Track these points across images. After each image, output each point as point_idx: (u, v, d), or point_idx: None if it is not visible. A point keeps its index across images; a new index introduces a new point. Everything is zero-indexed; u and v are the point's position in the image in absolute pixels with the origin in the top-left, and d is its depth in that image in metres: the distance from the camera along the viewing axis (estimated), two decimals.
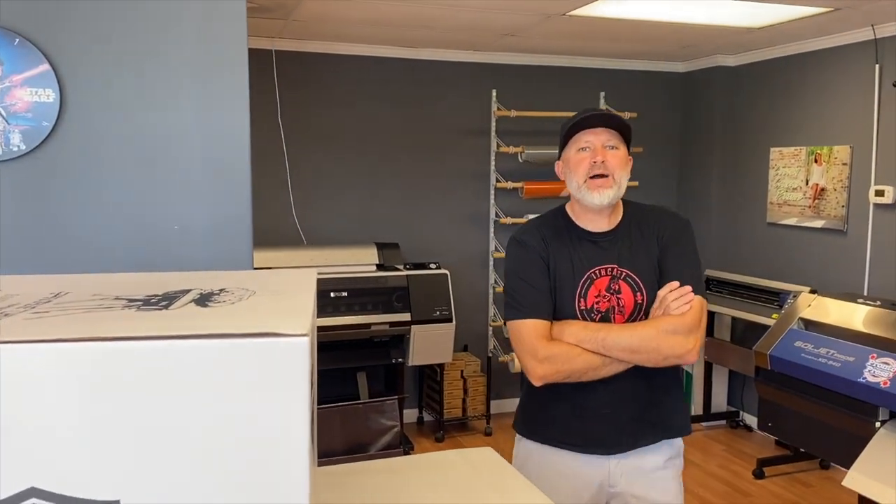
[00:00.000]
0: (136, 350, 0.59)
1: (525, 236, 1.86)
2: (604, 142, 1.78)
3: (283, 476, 0.62)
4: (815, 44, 4.41)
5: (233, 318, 0.68)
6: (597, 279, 1.79)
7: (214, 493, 0.60)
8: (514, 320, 1.81)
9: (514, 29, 4.16)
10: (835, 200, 4.30)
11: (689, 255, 1.82)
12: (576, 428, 1.83)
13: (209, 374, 0.60)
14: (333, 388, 4.43)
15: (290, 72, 4.60)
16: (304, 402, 0.62)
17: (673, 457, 1.89)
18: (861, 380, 2.66)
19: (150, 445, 0.60)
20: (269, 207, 4.59)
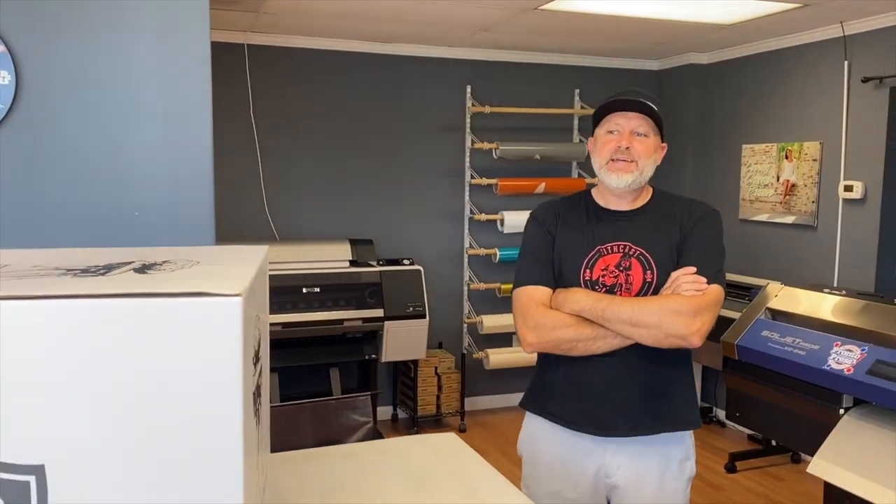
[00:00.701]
0: (58, 308, 0.58)
1: (539, 210, 1.90)
2: (634, 127, 1.78)
3: (216, 442, 0.60)
4: (785, 41, 4.45)
5: (168, 282, 0.66)
6: (606, 255, 1.78)
7: (144, 457, 0.59)
8: (514, 290, 1.83)
9: (488, 23, 4.16)
10: (805, 196, 4.34)
11: (711, 244, 1.79)
12: (572, 404, 1.80)
13: (138, 334, 0.59)
14: (306, 385, 4.40)
15: (263, 66, 4.57)
16: (238, 364, 0.61)
17: (684, 459, 1.83)
18: (826, 367, 2.68)
19: (76, 408, 0.58)
20: (241, 203, 4.56)
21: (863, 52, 4.00)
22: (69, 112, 1.69)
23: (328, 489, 1.18)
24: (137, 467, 0.59)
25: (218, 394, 0.60)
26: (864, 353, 2.60)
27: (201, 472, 0.60)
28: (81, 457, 0.59)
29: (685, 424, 1.82)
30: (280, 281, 3.98)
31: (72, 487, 0.58)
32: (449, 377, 4.82)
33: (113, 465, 0.59)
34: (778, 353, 2.89)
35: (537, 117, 5.10)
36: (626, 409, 1.77)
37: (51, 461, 0.58)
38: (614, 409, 1.77)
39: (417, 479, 1.23)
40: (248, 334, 0.64)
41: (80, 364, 0.58)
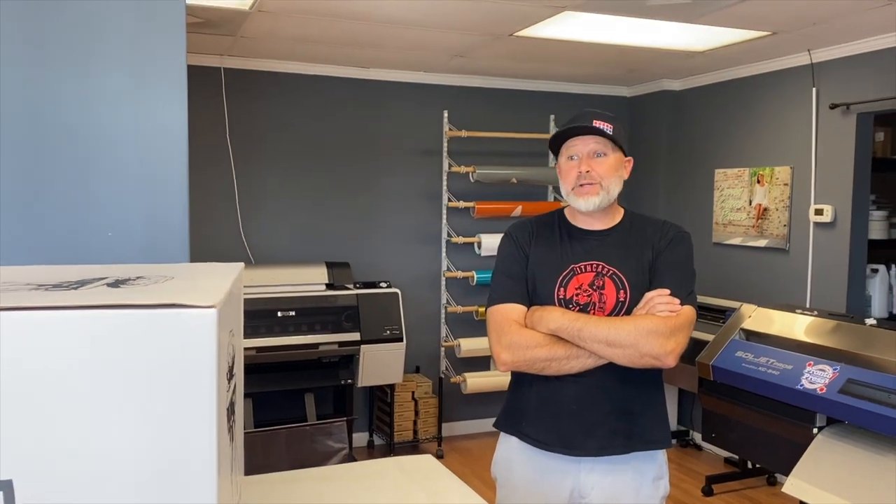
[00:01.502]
0: (29, 320, 0.57)
1: (513, 229, 1.92)
2: (591, 150, 1.81)
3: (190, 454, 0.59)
4: (755, 68, 4.54)
5: (142, 296, 0.65)
6: (579, 273, 1.80)
7: (115, 471, 0.58)
8: (488, 308, 1.84)
9: (463, 49, 4.20)
10: (777, 220, 4.41)
11: (682, 265, 1.82)
12: (544, 423, 1.81)
13: (111, 346, 0.58)
14: (280, 411, 4.35)
15: (239, 89, 4.57)
16: (212, 376, 0.60)
17: (657, 478, 1.84)
18: (799, 387, 2.70)
19: (45, 422, 0.57)
20: (217, 225, 4.53)
21: (830, 79, 4.09)
22: (41, 133, 1.67)
23: None
24: (109, 481, 0.58)
25: (191, 406, 0.60)
26: (837, 372, 2.63)
27: (174, 486, 0.59)
28: (50, 471, 0.58)
29: (657, 444, 1.83)
30: (255, 304, 3.95)
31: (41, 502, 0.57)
32: (426, 402, 4.79)
33: (83, 478, 0.58)
34: (752, 373, 2.92)
35: (513, 142, 5.14)
36: (599, 429, 1.78)
37: (18, 476, 0.57)
38: (587, 429, 1.78)
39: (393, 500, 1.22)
40: (222, 348, 0.64)
41: (50, 377, 0.57)
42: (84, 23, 1.69)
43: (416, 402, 4.76)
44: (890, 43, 3.72)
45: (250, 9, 3.38)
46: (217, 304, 0.61)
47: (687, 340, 1.73)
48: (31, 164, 1.66)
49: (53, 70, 1.68)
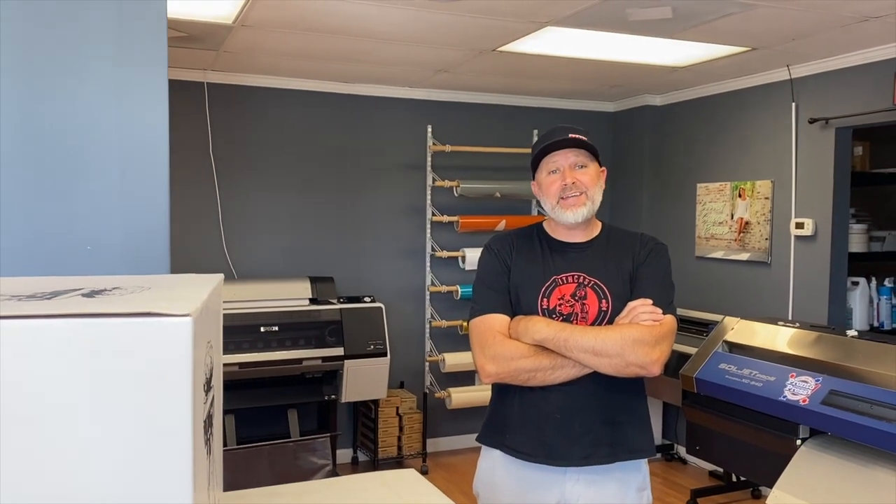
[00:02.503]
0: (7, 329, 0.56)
1: (493, 242, 1.95)
2: (572, 162, 1.83)
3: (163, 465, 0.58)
4: (735, 83, 4.59)
5: (116, 305, 0.64)
6: (561, 284, 1.82)
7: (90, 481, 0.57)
8: (471, 319, 1.86)
9: (447, 64, 4.22)
10: (759, 234, 4.44)
11: (663, 276, 1.85)
12: (528, 434, 1.81)
13: (84, 356, 0.57)
14: (263, 427, 4.31)
15: (223, 104, 4.56)
16: (187, 386, 0.59)
17: (641, 488, 1.85)
18: (782, 398, 2.71)
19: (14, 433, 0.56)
20: (199, 240, 4.50)
21: (809, 94, 4.14)
22: (19, 145, 1.66)
23: None
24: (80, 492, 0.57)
25: (166, 417, 0.59)
26: (819, 383, 2.64)
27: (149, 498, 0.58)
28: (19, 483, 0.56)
29: (641, 452, 1.84)
30: (237, 320, 3.92)
31: None
32: (410, 417, 4.77)
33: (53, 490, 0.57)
34: (735, 384, 2.92)
35: (497, 156, 5.16)
36: (583, 438, 1.78)
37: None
38: (572, 438, 1.78)
39: None
40: (198, 358, 0.63)
41: (21, 387, 0.56)
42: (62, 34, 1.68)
43: (400, 417, 4.73)
44: (868, 58, 3.77)
45: (233, 23, 3.38)
46: (193, 312, 0.60)
47: (670, 349, 1.75)
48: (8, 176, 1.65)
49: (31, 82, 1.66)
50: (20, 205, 1.67)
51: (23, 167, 1.66)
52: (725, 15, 3.13)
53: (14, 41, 1.65)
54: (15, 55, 1.65)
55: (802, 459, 2.56)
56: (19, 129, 1.66)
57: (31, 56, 1.66)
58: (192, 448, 0.60)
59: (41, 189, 1.68)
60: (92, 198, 1.71)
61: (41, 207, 1.68)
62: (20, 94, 1.65)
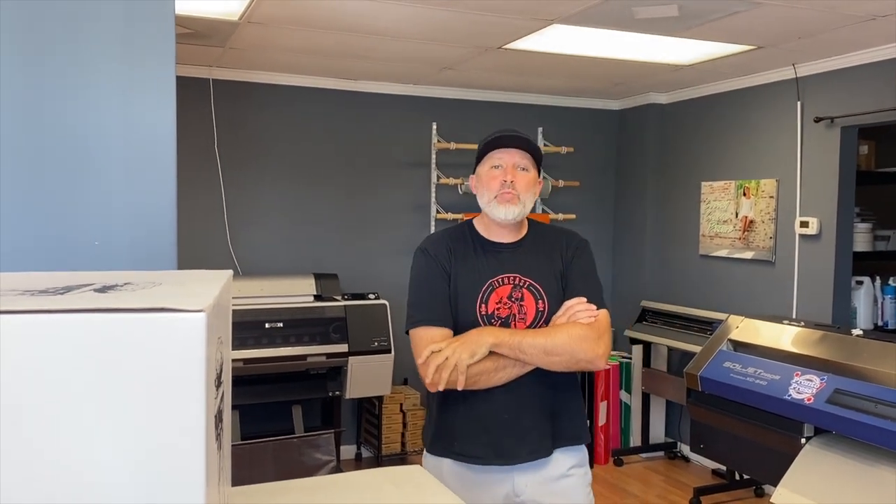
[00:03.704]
0: (14, 324, 0.56)
1: (429, 245, 1.95)
2: (516, 162, 1.87)
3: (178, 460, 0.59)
4: (741, 82, 4.58)
5: (130, 300, 0.65)
6: (498, 287, 1.86)
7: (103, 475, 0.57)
8: (411, 329, 1.88)
9: (451, 62, 4.22)
10: (763, 232, 4.43)
11: (592, 272, 1.94)
12: (478, 438, 1.86)
13: (98, 351, 0.57)
14: (267, 423, 4.32)
15: (228, 101, 4.56)
16: (201, 381, 0.60)
17: (576, 465, 1.93)
18: (787, 397, 2.71)
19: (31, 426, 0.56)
20: (204, 237, 4.51)
21: (815, 92, 4.13)
22: (28, 141, 1.66)
23: None
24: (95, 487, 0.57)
25: (180, 411, 0.59)
26: (824, 382, 2.64)
27: (162, 492, 0.59)
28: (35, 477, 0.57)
29: (578, 440, 1.93)
30: (242, 316, 3.93)
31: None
32: (414, 414, 4.77)
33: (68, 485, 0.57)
34: (740, 383, 2.92)
35: None
36: (529, 434, 1.86)
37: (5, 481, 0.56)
38: (520, 436, 1.85)
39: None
40: (210, 353, 0.63)
41: (36, 382, 0.56)
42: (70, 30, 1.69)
43: (404, 413, 4.74)
44: (874, 57, 3.76)
45: (240, 19, 3.38)
46: (206, 308, 0.60)
47: (611, 341, 1.86)
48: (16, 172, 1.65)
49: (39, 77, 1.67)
50: (28, 201, 1.67)
51: (31, 164, 1.67)
52: (732, 13, 3.13)
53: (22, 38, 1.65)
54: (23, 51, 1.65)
55: (807, 458, 2.56)
56: (27, 127, 1.66)
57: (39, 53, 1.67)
58: (205, 443, 0.60)
59: (49, 185, 1.68)
60: (99, 194, 1.72)
61: (49, 203, 1.69)
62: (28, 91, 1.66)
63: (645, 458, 5.03)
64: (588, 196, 5.52)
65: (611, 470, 4.85)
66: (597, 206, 5.59)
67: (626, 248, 5.54)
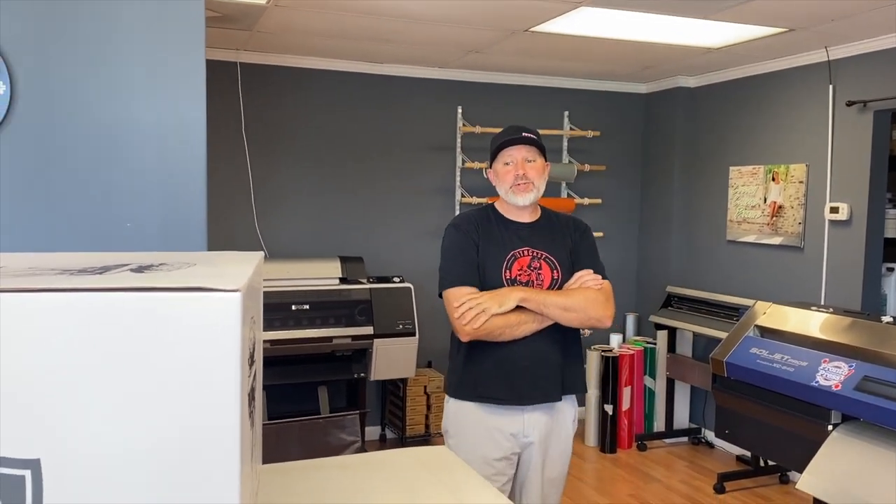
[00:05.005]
0: (56, 301, 0.58)
1: (460, 221, 2.30)
2: (524, 156, 2.23)
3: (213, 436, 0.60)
4: (771, 65, 4.51)
5: (166, 280, 0.66)
6: (520, 257, 2.21)
7: (141, 450, 0.59)
8: (446, 289, 2.20)
9: (478, 45, 4.20)
10: (792, 218, 4.38)
11: (595, 251, 2.31)
12: (498, 383, 2.18)
13: (136, 329, 0.59)
14: (294, 403, 4.37)
15: (255, 85, 4.59)
16: (236, 359, 0.61)
17: (574, 419, 2.33)
18: (814, 383, 2.69)
19: (74, 401, 0.58)
20: (232, 220, 4.55)
21: (847, 76, 4.06)
22: (63, 124, 1.69)
23: (317, 499, 1.17)
24: (133, 463, 0.59)
25: (216, 388, 0.60)
26: (852, 369, 2.61)
27: (198, 469, 0.60)
28: (77, 452, 0.58)
29: (579, 389, 2.31)
30: (269, 298, 3.97)
31: (68, 482, 0.58)
32: (438, 396, 4.80)
33: (108, 460, 0.59)
34: (766, 369, 2.90)
35: None
36: (542, 381, 2.20)
37: (46, 456, 0.58)
38: (532, 383, 2.19)
39: (408, 490, 1.23)
40: (244, 333, 0.64)
41: (78, 358, 0.58)
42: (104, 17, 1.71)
43: (428, 396, 4.77)
44: None
45: (267, 3, 3.40)
46: (241, 287, 0.61)
47: (614, 307, 2.22)
48: (53, 155, 1.68)
49: (75, 63, 1.70)
50: (63, 183, 1.71)
51: (65, 147, 1.70)
52: None
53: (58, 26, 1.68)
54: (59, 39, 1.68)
55: (833, 445, 2.55)
56: (61, 113, 1.69)
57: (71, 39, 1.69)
58: (240, 420, 0.62)
59: (83, 167, 1.71)
60: (132, 177, 1.74)
61: (84, 186, 1.72)
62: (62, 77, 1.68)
63: (669, 443, 5.03)
64: (614, 180, 5.48)
65: (634, 454, 4.85)
66: (623, 190, 5.56)
67: (652, 233, 5.51)
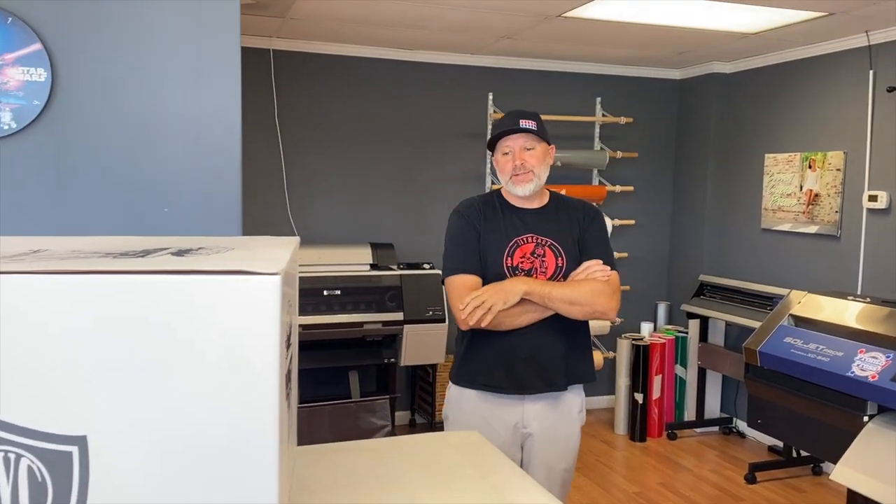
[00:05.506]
0: (107, 283, 0.59)
1: (463, 208, 2.28)
2: (522, 145, 2.16)
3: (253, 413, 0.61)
4: (809, 50, 4.43)
5: (207, 263, 0.68)
6: (523, 244, 2.16)
7: (183, 429, 0.60)
8: (448, 277, 2.18)
9: (510, 31, 4.18)
10: (828, 206, 4.31)
11: (605, 238, 2.24)
12: (499, 371, 2.15)
13: (178, 311, 0.60)
14: (325, 388, 4.42)
15: (288, 72, 4.62)
16: (275, 342, 0.62)
17: (579, 410, 2.25)
18: (850, 374, 2.65)
19: (120, 380, 0.59)
20: (265, 206, 4.60)
21: (888, 61, 3.97)
22: (102, 110, 1.72)
23: (351, 480, 1.18)
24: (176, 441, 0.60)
25: (256, 370, 0.62)
26: (890, 360, 2.57)
27: (238, 448, 0.61)
28: (123, 430, 0.60)
29: (585, 378, 2.25)
30: (301, 283, 4.01)
31: (113, 459, 0.60)
32: None
33: (152, 438, 0.60)
34: (801, 359, 2.87)
35: (558, 125, 5.10)
36: (545, 370, 2.15)
37: (93, 433, 0.59)
38: (535, 373, 2.14)
39: (440, 473, 1.24)
40: (283, 315, 0.66)
41: (123, 338, 0.59)
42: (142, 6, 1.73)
43: None
44: None
45: None
46: (280, 271, 0.62)
47: (620, 299, 2.15)
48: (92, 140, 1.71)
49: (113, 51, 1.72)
50: (101, 168, 1.74)
51: (103, 134, 1.73)
52: None
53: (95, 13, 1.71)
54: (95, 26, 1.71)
55: (869, 436, 2.51)
56: (100, 99, 1.72)
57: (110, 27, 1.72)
58: (279, 400, 0.63)
59: (121, 154, 1.74)
60: (168, 163, 1.77)
61: (121, 171, 1.75)
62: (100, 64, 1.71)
63: (699, 433, 4.99)
64: (646, 168, 5.43)
65: (664, 443, 4.83)
66: (655, 177, 5.50)
67: (685, 221, 5.45)
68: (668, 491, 4.04)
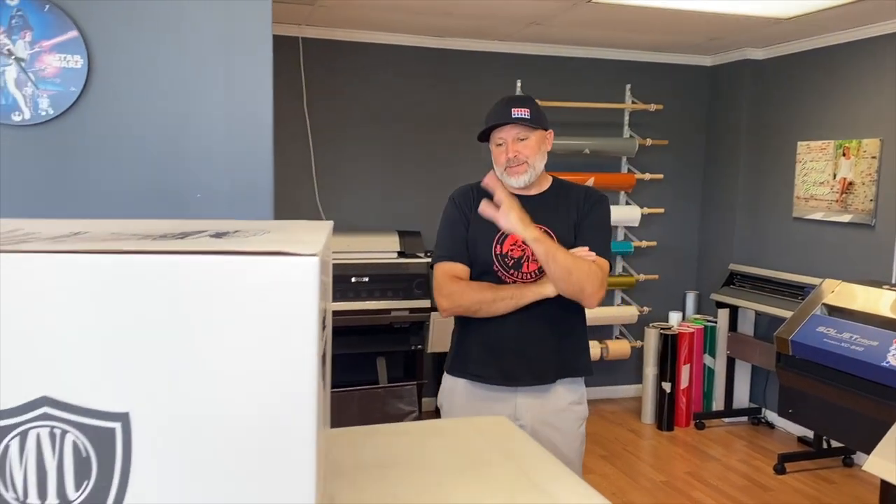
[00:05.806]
0: (149, 263, 0.60)
1: (456, 194, 2.28)
2: (514, 136, 2.12)
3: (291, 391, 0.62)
4: (844, 36, 4.34)
5: (247, 244, 0.68)
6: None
7: (224, 406, 0.61)
8: (435, 263, 2.18)
9: (539, 17, 4.15)
10: (863, 194, 4.24)
11: (602, 226, 2.15)
12: (487, 362, 2.12)
13: (218, 291, 0.61)
14: (353, 373, 4.45)
15: (317, 59, 4.63)
16: (314, 323, 0.63)
17: (575, 402, 2.17)
18: (885, 364, 2.62)
19: (162, 359, 0.61)
20: (294, 193, 4.63)
21: None
22: (137, 96, 1.74)
23: (381, 462, 1.20)
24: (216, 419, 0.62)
25: (294, 350, 0.62)
26: None
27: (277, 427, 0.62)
28: (165, 407, 0.61)
29: (579, 372, 2.17)
30: None
31: (155, 436, 0.61)
32: None
33: (193, 415, 0.61)
34: (834, 348, 2.84)
35: (587, 112, 5.07)
36: (533, 362, 2.11)
37: (136, 409, 0.61)
38: (524, 364, 2.10)
39: (469, 456, 1.24)
40: (320, 297, 0.66)
41: (165, 318, 0.61)
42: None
43: None
44: None
45: None
46: (318, 252, 0.63)
47: (606, 287, 2.09)
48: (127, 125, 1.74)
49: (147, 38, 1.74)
50: (136, 154, 1.76)
51: (138, 120, 1.75)
52: None
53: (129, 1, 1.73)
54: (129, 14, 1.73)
55: None
56: (134, 86, 1.74)
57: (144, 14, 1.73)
58: (317, 381, 0.64)
59: (155, 139, 1.77)
60: (201, 149, 1.79)
61: (155, 156, 1.77)
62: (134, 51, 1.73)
63: (727, 422, 4.96)
64: (677, 155, 5.38)
65: (692, 433, 4.80)
66: (685, 165, 5.45)
67: (715, 210, 5.39)
68: (695, 480, 4.02)
